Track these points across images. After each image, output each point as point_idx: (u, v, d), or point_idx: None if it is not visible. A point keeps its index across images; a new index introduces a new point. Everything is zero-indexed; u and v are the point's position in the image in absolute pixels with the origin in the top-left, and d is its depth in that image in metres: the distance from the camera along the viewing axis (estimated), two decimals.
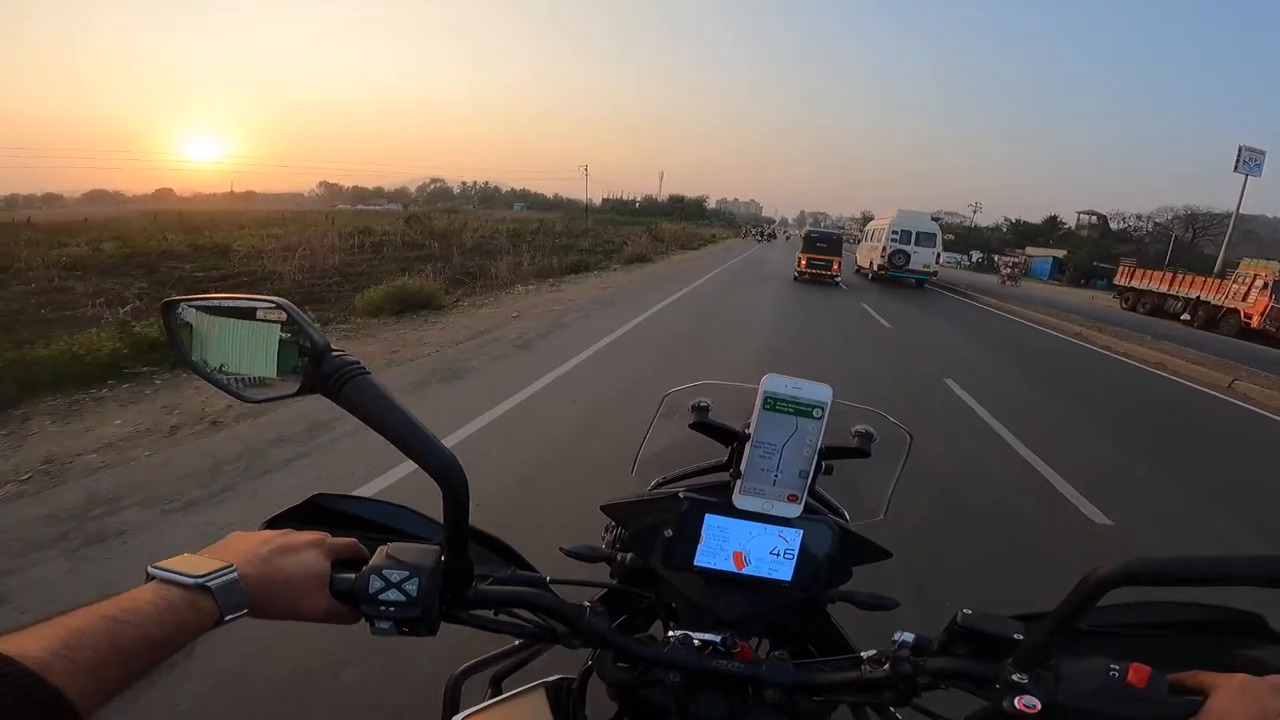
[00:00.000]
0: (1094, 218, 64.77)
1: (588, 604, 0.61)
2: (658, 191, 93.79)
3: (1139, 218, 61.75)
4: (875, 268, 18.56)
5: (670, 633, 0.62)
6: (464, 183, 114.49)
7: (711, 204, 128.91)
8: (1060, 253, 52.77)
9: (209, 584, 0.44)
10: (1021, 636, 0.50)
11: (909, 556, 2.53)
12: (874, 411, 0.79)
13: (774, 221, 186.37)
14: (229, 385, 0.53)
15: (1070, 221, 66.63)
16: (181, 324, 0.53)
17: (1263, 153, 32.21)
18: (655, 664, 0.59)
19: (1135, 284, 24.60)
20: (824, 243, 17.69)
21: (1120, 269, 27.27)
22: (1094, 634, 0.57)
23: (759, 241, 55.92)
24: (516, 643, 0.73)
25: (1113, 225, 62.34)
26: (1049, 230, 65.57)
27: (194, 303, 0.53)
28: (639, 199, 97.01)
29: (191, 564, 0.45)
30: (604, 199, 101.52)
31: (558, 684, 0.70)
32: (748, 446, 0.64)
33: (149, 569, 0.44)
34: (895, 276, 18.06)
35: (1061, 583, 0.46)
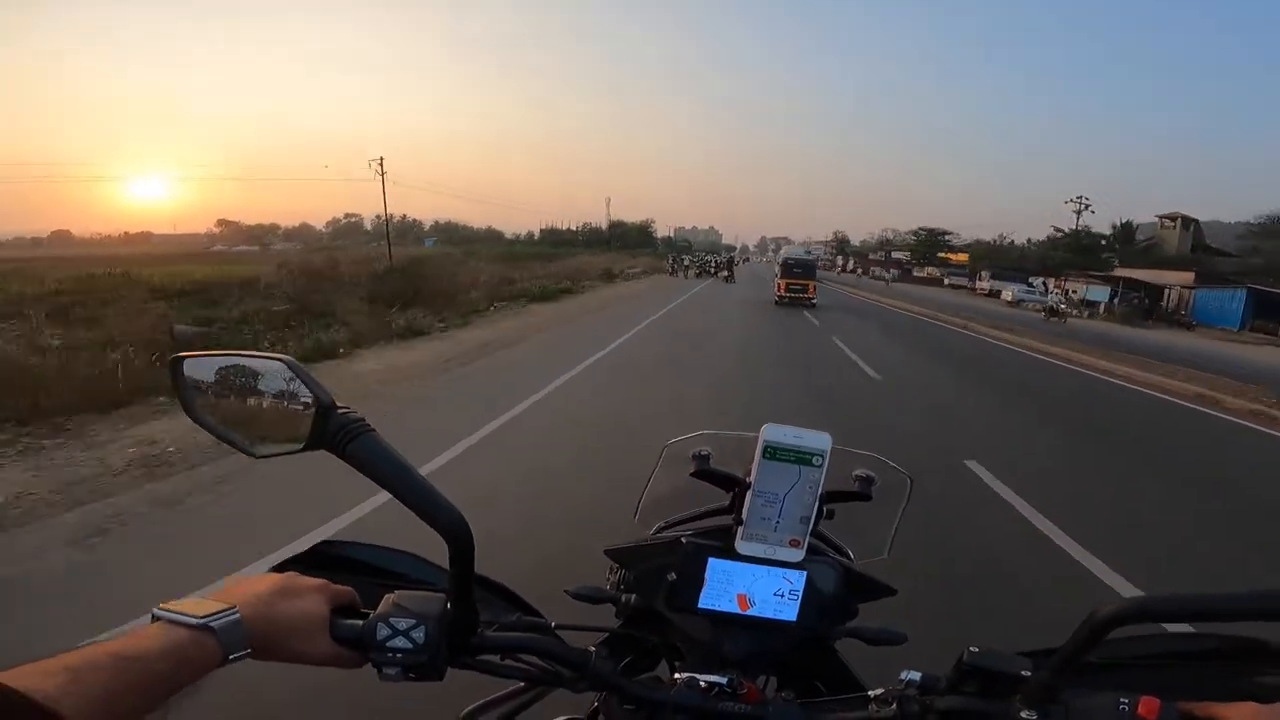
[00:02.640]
0: (1176, 223, 46.69)
1: (592, 648, 0.62)
2: (605, 219, 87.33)
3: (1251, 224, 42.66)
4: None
5: (676, 675, 0.63)
6: (377, 216, 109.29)
7: (664, 231, 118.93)
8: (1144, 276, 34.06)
9: (212, 624, 0.45)
10: (1029, 673, 0.50)
11: None
12: (873, 456, 0.81)
13: (733, 249, 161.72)
14: (236, 440, 0.55)
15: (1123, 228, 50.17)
16: (189, 379, 0.55)
17: None
18: (661, 707, 0.59)
19: None
20: (800, 269, 19.91)
21: None
22: (1102, 667, 0.57)
23: (697, 277, 35.87)
24: (522, 685, 0.75)
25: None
26: (1123, 240, 49.47)
27: (201, 359, 0.55)
28: (579, 227, 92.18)
29: (196, 606, 0.46)
30: (542, 228, 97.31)
31: None
32: (749, 494, 0.65)
33: (154, 611, 0.46)
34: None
35: None
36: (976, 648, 0.53)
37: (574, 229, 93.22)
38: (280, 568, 0.59)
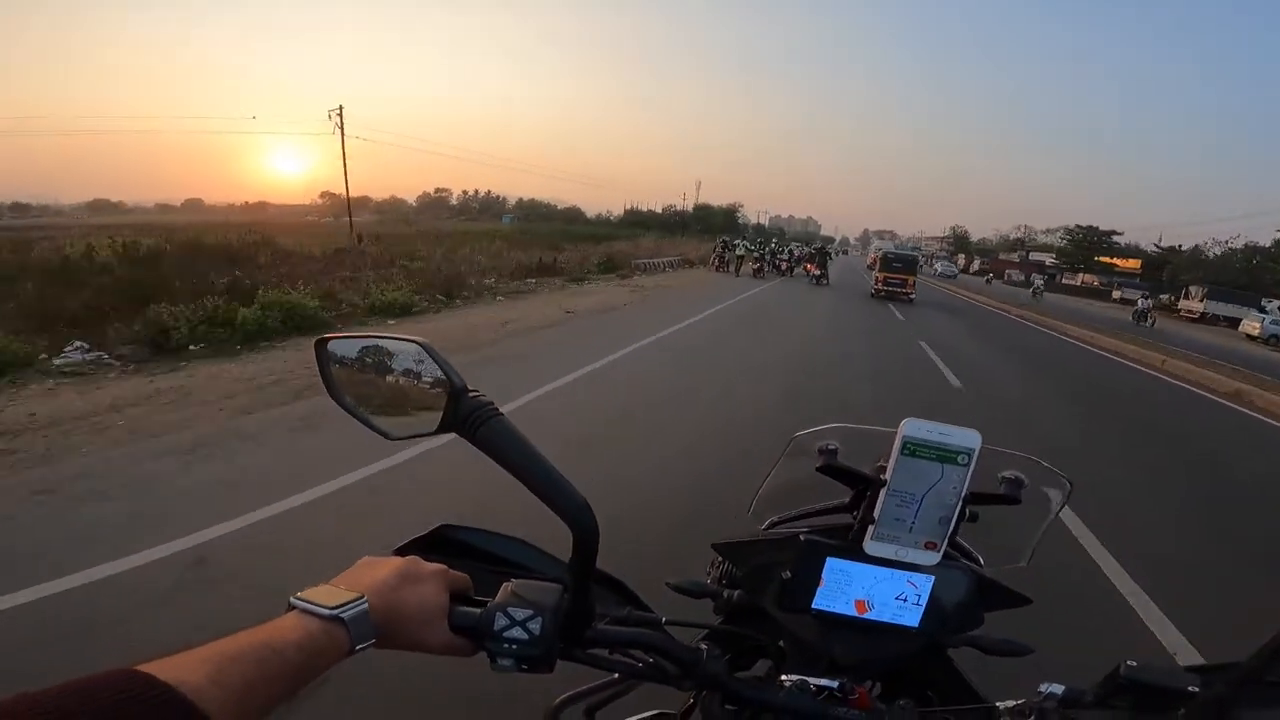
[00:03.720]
0: None
1: (703, 646, 0.60)
2: (694, 201, 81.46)
3: None
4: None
5: (784, 677, 0.61)
6: (464, 192, 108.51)
7: (755, 218, 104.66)
8: None
9: (343, 615, 0.45)
10: (1197, 689, 0.48)
11: None
12: (1027, 458, 0.71)
13: (832, 240, 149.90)
14: (371, 421, 0.56)
15: None
16: (331, 359, 0.56)
17: None
18: (768, 709, 0.58)
19: None
20: (900, 263, 19.65)
21: None
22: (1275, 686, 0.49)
23: (756, 276, 22.15)
24: (616, 676, 0.70)
25: None
26: None
27: (343, 339, 0.56)
28: (663, 209, 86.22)
29: (327, 595, 0.46)
30: (626, 209, 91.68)
31: (658, 719, 0.73)
32: (882, 492, 0.61)
33: (291, 599, 0.46)
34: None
35: None
36: (1134, 661, 0.49)
37: (656, 210, 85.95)
38: (402, 550, 0.59)
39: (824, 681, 0.59)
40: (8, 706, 0.30)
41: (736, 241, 26.57)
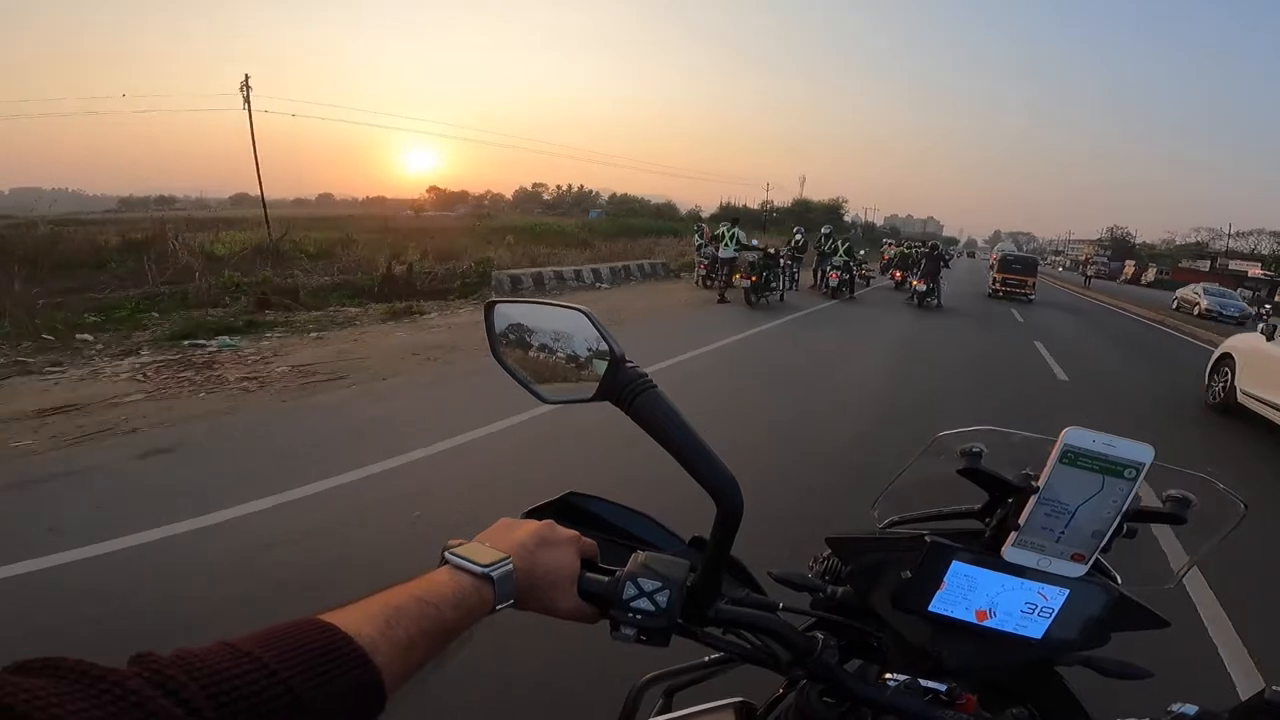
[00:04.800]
0: None
1: (820, 635, 0.60)
2: (799, 197, 74.97)
3: None
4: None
5: (888, 675, 0.59)
6: (557, 187, 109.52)
7: (865, 216, 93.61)
8: None
9: (492, 574, 0.46)
10: None
11: None
12: (1200, 476, 0.66)
13: (955, 241, 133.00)
14: (530, 385, 0.58)
15: None
16: (498, 322, 0.59)
17: None
18: (874, 705, 0.57)
19: None
20: (1019, 265, 19.68)
21: None
22: None
23: (751, 302, 10.75)
24: (706, 659, 0.73)
25: None
26: None
27: (509, 305, 0.60)
28: (759, 205, 78.50)
29: (477, 552, 0.48)
30: (722, 204, 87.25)
31: (742, 706, 0.71)
32: (1033, 499, 0.58)
33: (445, 554, 0.48)
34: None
35: None
36: None
37: (752, 207, 79.65)
38: (533, 514, 0.60)
39: (932, 684, 0.58)
40: (210, 652, 0.32)
41: (721, 229, 12.24)
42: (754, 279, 10.78)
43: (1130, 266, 56.85)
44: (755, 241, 12.71)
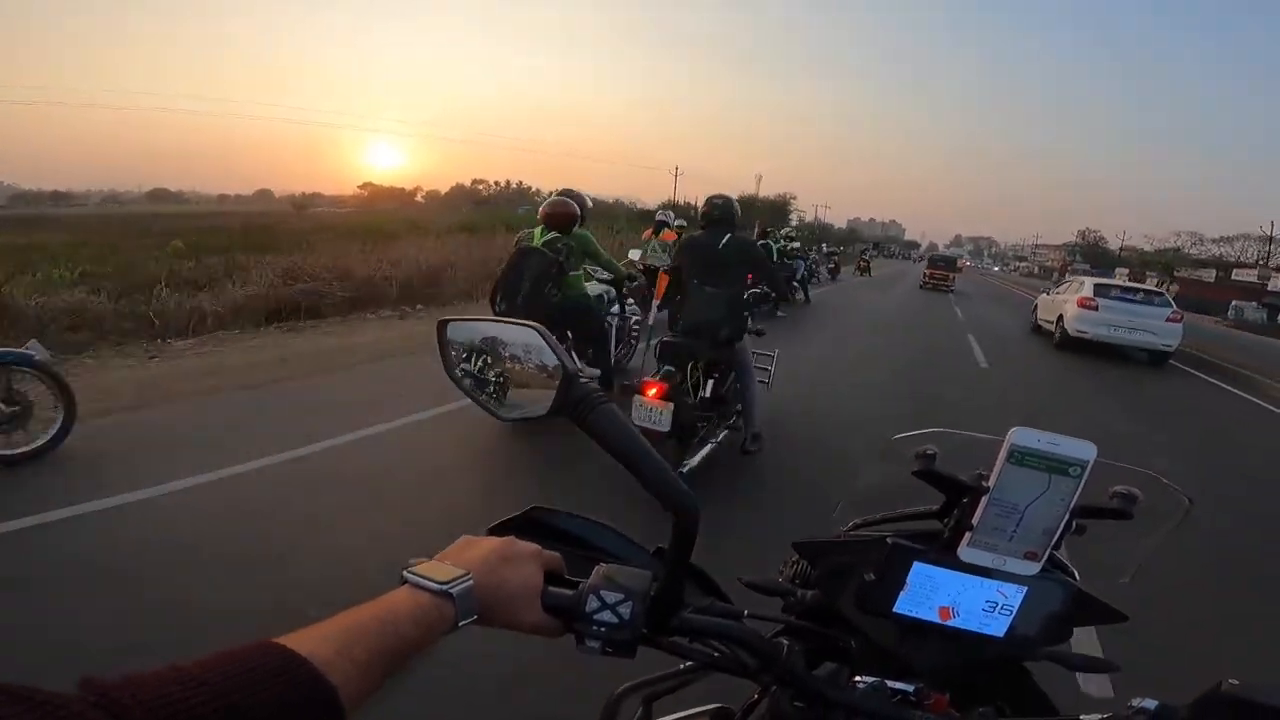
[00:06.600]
0: None
1: (785, 642, 0.61)
2: (755, 193, 69.44)
3: None
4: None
5: (857, 678, 0.60)
6: (495, 183, 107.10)
7: (814, 214, 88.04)
8: None
9: (452, 591, 0.47)
10: None
11: None
12: (1146, 473, 0.68)
13: (915, 245, 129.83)
14: (484, 402, 0.59)
15: None
16: (450, 341, 0.59)
17: None
18: (843, 708, 0.57)
19: None
20: (943, 262, 27.32)
21: None
22: None
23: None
24: (681, 667, 0.72)
25: None
26: None
27: (462, 323, 0.60)
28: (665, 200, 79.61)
29: (436, 570, 0.48)
30: (662, 202, 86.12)
31: (720, 712, 0.72)
32: (984, 499, 0.59)
33: (404, 573, 0.48)
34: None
35: None
36: (1236, 680, 0.47)
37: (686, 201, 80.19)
38: (495, 530, 0.60)
39: (901, 685, 0.59)
40: (157, 676, 0.33)
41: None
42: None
43: (1123, 276, 40.56)
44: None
